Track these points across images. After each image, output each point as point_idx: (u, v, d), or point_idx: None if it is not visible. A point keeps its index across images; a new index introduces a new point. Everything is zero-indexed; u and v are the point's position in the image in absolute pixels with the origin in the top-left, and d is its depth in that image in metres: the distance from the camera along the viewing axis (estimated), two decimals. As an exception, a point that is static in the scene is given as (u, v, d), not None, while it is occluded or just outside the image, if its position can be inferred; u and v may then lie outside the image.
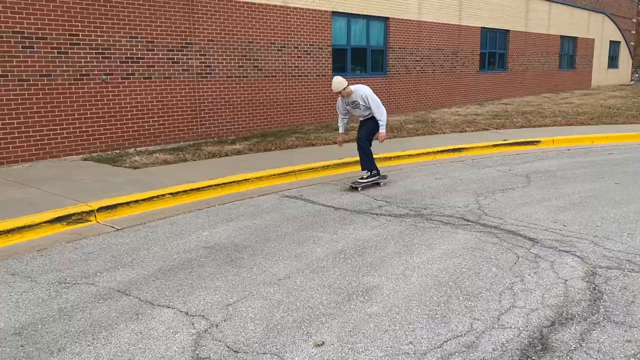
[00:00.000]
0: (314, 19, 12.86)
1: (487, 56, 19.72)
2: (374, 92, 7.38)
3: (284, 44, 12.28)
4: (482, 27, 18.93)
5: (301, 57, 12.74)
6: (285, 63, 12.37)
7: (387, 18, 15.06)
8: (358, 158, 7.47)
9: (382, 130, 7.20)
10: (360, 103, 7.27)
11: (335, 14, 13.51)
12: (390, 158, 9.13)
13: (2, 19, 7.90)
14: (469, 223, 5.61)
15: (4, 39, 7.97)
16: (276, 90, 12.31)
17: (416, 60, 16.29)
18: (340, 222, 5.71)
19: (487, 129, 12.59)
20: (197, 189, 6.93)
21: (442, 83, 17.60)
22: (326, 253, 4.77)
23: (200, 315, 3.61)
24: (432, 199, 6.66)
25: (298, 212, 6.14)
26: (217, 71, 10.99)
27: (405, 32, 15.71)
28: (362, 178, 7.33)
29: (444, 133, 12.10)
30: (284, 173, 7.91)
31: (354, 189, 7.24)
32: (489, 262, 4.49)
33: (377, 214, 6.01)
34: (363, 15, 14.26)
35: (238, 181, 7.39)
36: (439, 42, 17.05)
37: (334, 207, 6.33)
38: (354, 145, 7.89)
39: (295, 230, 5.45)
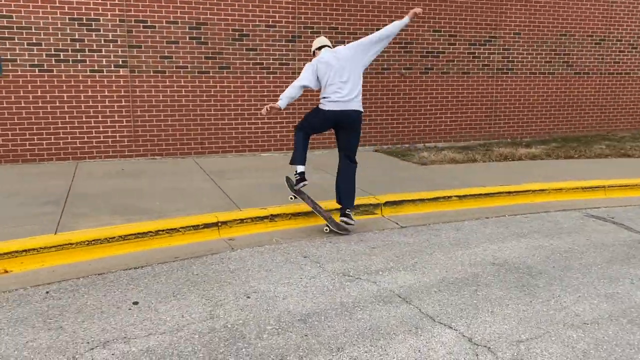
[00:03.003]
0: (646, 7, 10.80)
1: None
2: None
3: (604, 36, 10.62)
4: None
5: (624, 51, 10.86)
6: (602, 58, 10.71)
7: None
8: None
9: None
10: None
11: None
12: None
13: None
14: None
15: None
16: (586, 89, 10.78)
17: None
18: (670, 262, 4.50)
19: None
20: (486, 195, 6.40)
21: None
22: (651, 301, 3.75)
23: (485, 347, 3.15)
24: None
25: (608, 239, 5.08)
26: (519, 67, 10.12)
27: None
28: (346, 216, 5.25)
29: None
30: (590, 187, 6.77)
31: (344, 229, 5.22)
32: None
33: None
34: None
35: (533, 190, 6.60)
36: None
37: (659, 240, 5.06)
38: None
39: (606, 263, 4.48)
